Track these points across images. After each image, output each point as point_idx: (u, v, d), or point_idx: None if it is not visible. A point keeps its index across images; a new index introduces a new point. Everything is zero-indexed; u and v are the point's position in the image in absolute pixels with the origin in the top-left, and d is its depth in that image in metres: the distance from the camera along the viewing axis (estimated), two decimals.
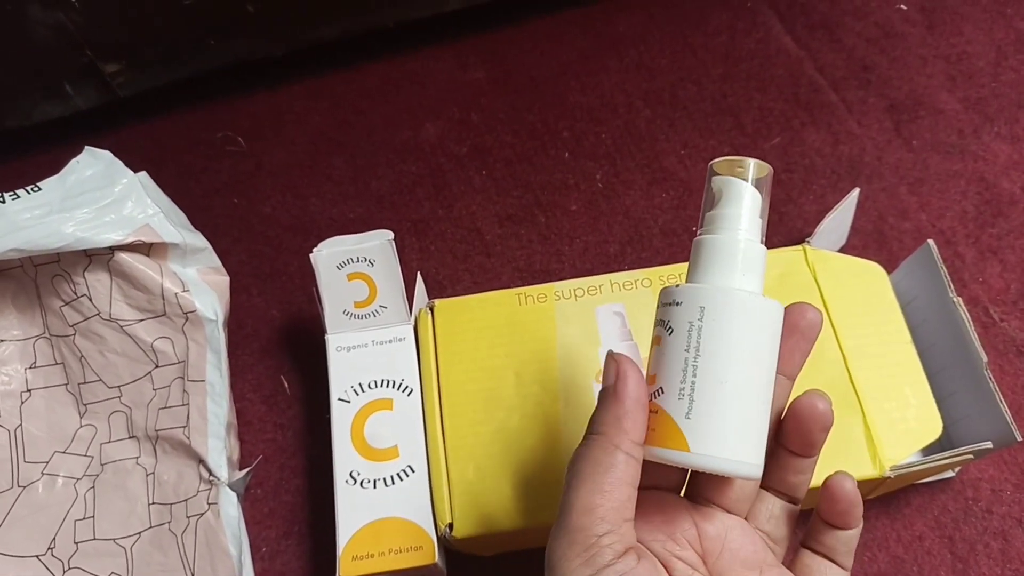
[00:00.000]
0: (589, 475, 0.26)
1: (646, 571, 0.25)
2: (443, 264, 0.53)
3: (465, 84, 0.60)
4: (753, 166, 0.29)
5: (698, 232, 0.29)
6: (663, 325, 0.28)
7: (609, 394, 0.27)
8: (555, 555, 0.25)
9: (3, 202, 0.39)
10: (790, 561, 0.30)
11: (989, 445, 0.38)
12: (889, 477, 0.38)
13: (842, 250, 0.50)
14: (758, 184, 0.29)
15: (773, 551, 0.29)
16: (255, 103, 0.60)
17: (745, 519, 0.30)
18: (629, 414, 0.26)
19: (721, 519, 0.29)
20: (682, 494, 0.30)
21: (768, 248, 0.28)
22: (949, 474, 0.44)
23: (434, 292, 0.51)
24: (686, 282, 0.28)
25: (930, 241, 0.42)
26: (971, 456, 0.38)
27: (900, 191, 0.53)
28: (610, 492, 0.25)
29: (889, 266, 0.45)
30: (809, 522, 0.30)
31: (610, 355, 0.27)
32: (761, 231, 0.29)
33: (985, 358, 0.39)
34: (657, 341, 0.28)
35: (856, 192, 0.46)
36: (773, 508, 0.30)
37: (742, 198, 0.28)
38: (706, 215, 0.29)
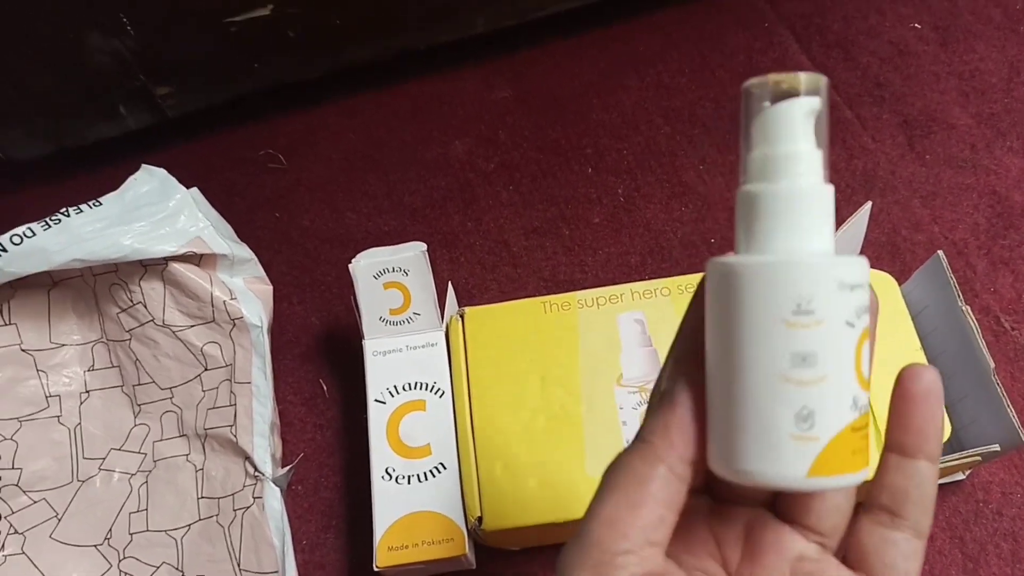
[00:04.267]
0: (621, 485, 0.22)
1: None
2: (472, 274, 0.55)
3: (492, 103, 0.63)
4: (804, 79, 0.21)
5: (741, 182, 0.22)
6: None
7: (664, 400, 0.23)
8: (565, 562, 0.22)
9: (67, 216, 0.42)
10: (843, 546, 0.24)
11: (996, 448, 0.39)
12: None
13: None
14: (813, 103, 0.22)
15: (812, 540, 0.24)
16: (293, 122, 0.63)
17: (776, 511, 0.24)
18: (680, 424, 0.22)
19: (738, 516, 0.24)
20: None
21: None
22: (960, 476, 0.45)
23: (464, 300, 0.53)
24: (735, 252, 0.22)
25: (940, 252, 0.44)
26: (979, 458, 0.40)
27: (913, 204, 0.55)
28: (640, 509, 0.22)
29: (902, 277, 0.47)
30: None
31: (676, 359, 0.23)
32: (825, 164, 0.22)
33: (992, 364, 0.41)
34: None
35: (868, 205, 0.48)
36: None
37: (795, 127, 0.21)
38: (749, 157, 0.22)
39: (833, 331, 0.20)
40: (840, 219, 0.53)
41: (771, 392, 0.20)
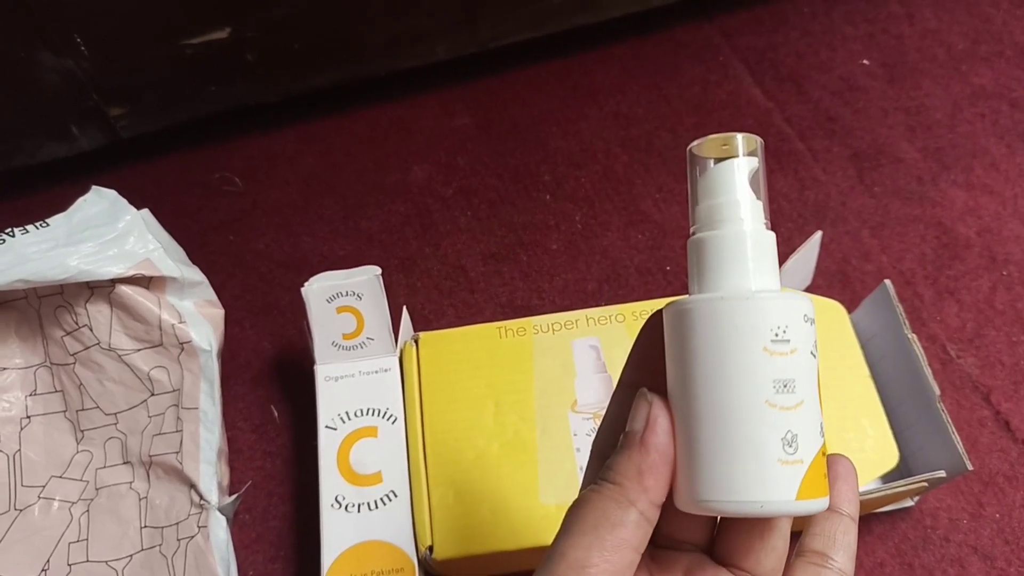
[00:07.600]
0: (591, 527, 0.22)
1: None
2: (429, 299, 0.55)
3: (452, 130, 0.63)
4: (742, 140, 0.24)
5: (691, 231, 0.25)
6: None
7: (634, 441, 0.23)
8: None
9: (12, 236, 0.41)
10: None
11: (942, 474, 0.40)
12: None
13: (808, 290, 0.53)
14: (752, 162, 0.24)
15: None
16: (250, 146, 0.63)
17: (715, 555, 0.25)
18: (654, 468, 0.22)
19: (677, 561, 0.25)
20: None
21: None
22: (909, 503, 0.46)
23: (419, 326, 0.53)
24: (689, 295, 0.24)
25: (887, 281, 0.45)
26: (926, 484, 0.40)
27: (863, 235, 0.56)
28: (611, 553, 0.22)
29: (852, 306, 0.48)
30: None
31: (643, 395, 0.24)
32: (765, 213, 0.24)
33: (938, 392, 0.41)
34: None
35: (819, 235, 0.49)
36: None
37: (734, 180, 0.24)
38: (697, 209, 0.24)
39: (805, 359, 0.22)
40: (792, 248, 0.55)
41: (758, 418, 0.21)
